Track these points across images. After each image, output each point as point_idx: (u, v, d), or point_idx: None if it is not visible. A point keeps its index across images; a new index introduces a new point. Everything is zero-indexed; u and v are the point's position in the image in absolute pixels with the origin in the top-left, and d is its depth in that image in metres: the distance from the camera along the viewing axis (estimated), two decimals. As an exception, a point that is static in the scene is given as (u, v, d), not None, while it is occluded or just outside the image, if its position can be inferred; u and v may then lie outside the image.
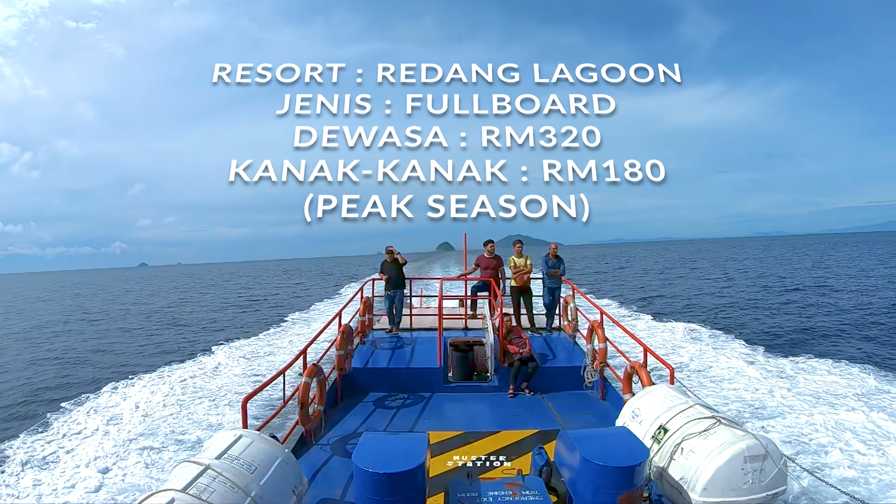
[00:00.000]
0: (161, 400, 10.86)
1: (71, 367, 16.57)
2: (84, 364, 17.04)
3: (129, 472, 7.37)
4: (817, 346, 15.36)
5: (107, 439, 8.59)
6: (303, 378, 5.75)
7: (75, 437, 8.87)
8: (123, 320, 29.23)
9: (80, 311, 36.62)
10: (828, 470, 6.80)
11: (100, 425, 9.40)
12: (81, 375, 15.25)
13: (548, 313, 9.62)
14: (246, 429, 4.14)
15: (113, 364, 16.58)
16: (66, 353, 19.22)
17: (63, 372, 15.87)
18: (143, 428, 9.07)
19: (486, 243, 9.92)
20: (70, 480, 7.14)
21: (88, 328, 26.67)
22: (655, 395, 4.61)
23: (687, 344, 15.15)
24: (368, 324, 9.19)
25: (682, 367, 12.18)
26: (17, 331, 26.94)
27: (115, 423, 9.49)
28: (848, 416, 8.66)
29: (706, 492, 3.61)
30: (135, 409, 10.30)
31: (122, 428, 9.12)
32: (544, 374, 7.67)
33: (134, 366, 15.21)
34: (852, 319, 19.89)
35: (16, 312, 38.22)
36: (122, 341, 21.69)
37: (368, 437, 3.98)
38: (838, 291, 27.90)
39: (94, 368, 16.16)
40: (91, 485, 6.99)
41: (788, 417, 8.82)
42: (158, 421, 9.49)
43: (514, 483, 3.75)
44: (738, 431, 3.81)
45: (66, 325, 28.68)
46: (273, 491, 3.40)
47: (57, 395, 12.74)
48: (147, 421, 9.49)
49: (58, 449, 8.32)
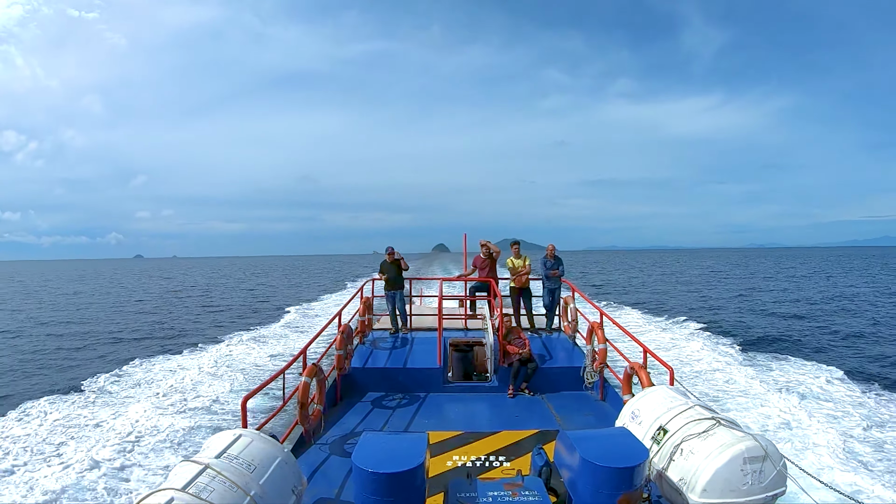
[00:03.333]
0: (161, 399, 10.85)
1: (60, 366, 16.56)
2: (83, 364, 17.01)
3: (128, 472, 7.35)
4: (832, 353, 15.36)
5: (104, 437, 8.57)
6: (302, 378, 5.75)
7: (74, 435, 8.85)
8: (119, 312, 29.28)
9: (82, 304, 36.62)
10: (827, 471, 6.80)
11: (97, 421, 9.39)
12: (76, 374, 15.23)
13: (547, 314, 9.62)
14: (245, 428, 4.13)
15: (109, 361, 16.57)
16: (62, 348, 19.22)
17: (54, 370, 15.86)
18: (142, 427, 9.05)
19: (481, 245, 9.98)
20: (69, 479, 7.12)
21: (88, 327, 26.65)
22: (655, 396, 4.60)
23: (689, 345, 15.18)
24: (368, 324, 9.18)
25: (682, 368, 12.20)
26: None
27: (114, 420, 9.47)
28: (845, 423, 8.67)
29: (706, 493, 3.60)
30: (133, 408, 10.29)
31: (122, 427, 9.10)
32: (544, 374, 7.67)
33: (134, 365, 15.17)
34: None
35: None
36: (114, 334, 21.69)
37: (368, 437, 3.97)
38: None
39: (94, 369, 16.14)
40: (91, 484, 6.97)
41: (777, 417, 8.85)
42: (158, 420, 9.47)
43: (513, 483, 3.74)
44: (737, 433, 3.80)
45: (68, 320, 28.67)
46: (272, 490, 3.40)
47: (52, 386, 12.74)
48: (147, 420, 9.47)
49: (56, 446, 8.31)
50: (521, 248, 9.69)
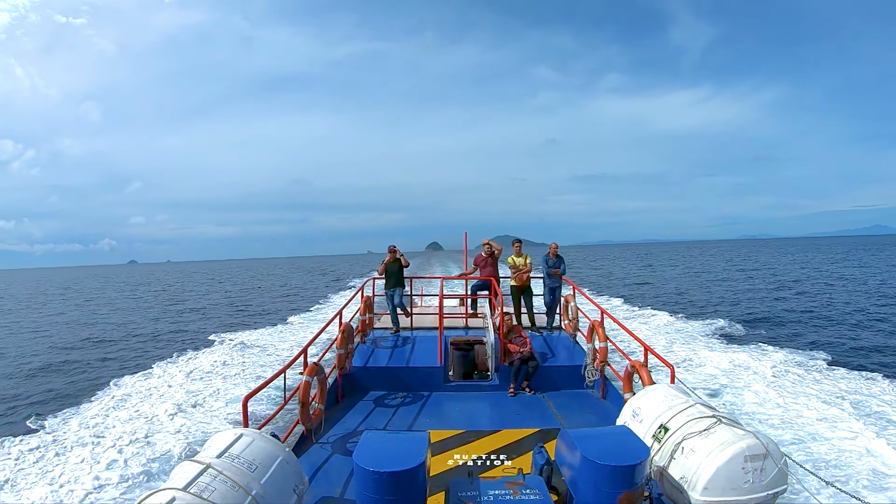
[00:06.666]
0: (160, 399, 10.86)
1: (72, 367, 16.59)
2: (80, 365, 17.04)
3: (128, 471, 7.36)
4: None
5: (106, 438, 8.58)
6: (303, 377, 5.75)
7: (71, 434, 8.88)
8: (120, 316, 29.32)
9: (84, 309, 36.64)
10: (828, 469, 6.79)
11: (98, 425, 9.41)
12: (78, 377, 15.26)
13: (548, 312, 9.62)
14: (247, 428, 4.14)
15: (109, 362, 16.60)
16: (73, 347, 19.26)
17: (57, 374, 15.89)
18: (141, 426, 9.06)
19: (483, 243, 9.98)
20: (71, 479, 7.14)
21: (90, 327, 26.69)
22: (656, 394, 4.60)
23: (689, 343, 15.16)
24: (369, 323, 9.18)
25: (680, 365, 12.19)
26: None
27: (113, 421, 9.49)
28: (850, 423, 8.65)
29: (707, 491, 3.60)
30: (134, 407, 10.31)
31: (121, 426, 9.12)
32: (545, 372, 7.67)
33: (133, 363, 15.19)
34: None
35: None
36: (116, 337, 21.73)
37: (369, 436, 3.97)
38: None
39: (93, 367, 16.17)
40: (91, 483, 6.99)
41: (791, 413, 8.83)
42: (158, 420, 9.48)
43: (514, 482, 3.74)
44: (738, 430, 3.80)
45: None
46: (274, 490, 3.40)
47: (57, 398, 12.76)
48: (147, 420, 9.48)
49: (60, 446, 8.33)
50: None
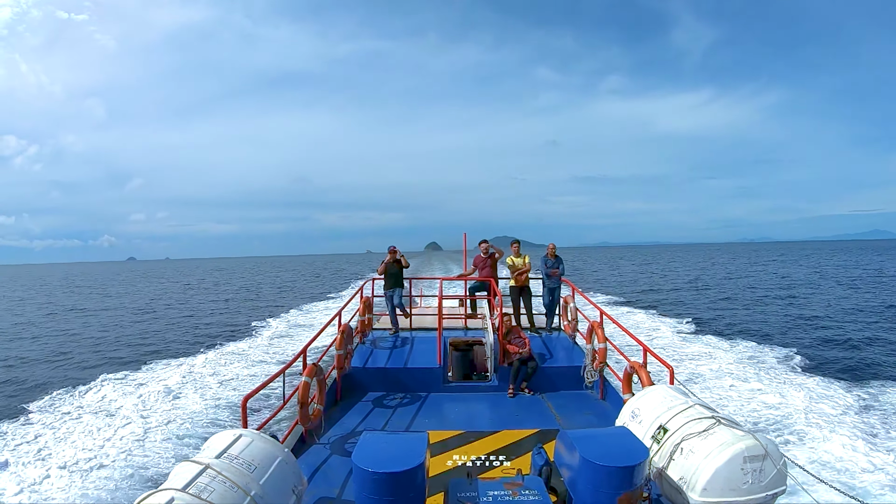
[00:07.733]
0: (160, 399, 10.85)
1: (62, 364, 16.56)
2: (79, 363, 17.01)
3: (128, 471, 7.35)
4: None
5: (104, 436, 8.57)
6: (302, 377, 5.74)
7: (72, 434, 8.86)
8: (118, 314, 29.30)
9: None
10: (828, 470, 6.80)
11: (97, 422, 9.39)
12: (73, 374, 15.24)
13: (547, 313, 9.62)
14: (246, 428, 4.13)
15: (109, 361, 16.58)
16: (66, 344, 19.22)
17: (54, 371, 15.86)
18: (141, 426, 9.05)
19: (480, 243, 9.97)
20: (69, 479, 7.13)
21: (85, 324, 26.65)
22: (655, 395, 4.60)
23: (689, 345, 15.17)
24: (368, 323, 9.18)
25: (682, 365, 12.20)
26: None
27: (113, 421, 9.48)
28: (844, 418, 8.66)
29: (706, 492, 3.60)
30: (132, 407, 10.29)
31: (121, 426, 9.10)
32: (544, 373, 7.66)
33: (132, 363, 15.18)
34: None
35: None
36: (115, 337, 21.70)
37: (368, 437, 3.97)
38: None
39: (92, 368, 16.15)
40: (91, 483, 6.98)
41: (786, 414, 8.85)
42: (158, 420, 9.47)
43: (513, 483, 3.73)
44: (737, 431, 3.79)
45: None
46: (273, 490, 3.39)
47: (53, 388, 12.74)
48: (146, 420, 9.47)
49: (54, 444, 8.32)
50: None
